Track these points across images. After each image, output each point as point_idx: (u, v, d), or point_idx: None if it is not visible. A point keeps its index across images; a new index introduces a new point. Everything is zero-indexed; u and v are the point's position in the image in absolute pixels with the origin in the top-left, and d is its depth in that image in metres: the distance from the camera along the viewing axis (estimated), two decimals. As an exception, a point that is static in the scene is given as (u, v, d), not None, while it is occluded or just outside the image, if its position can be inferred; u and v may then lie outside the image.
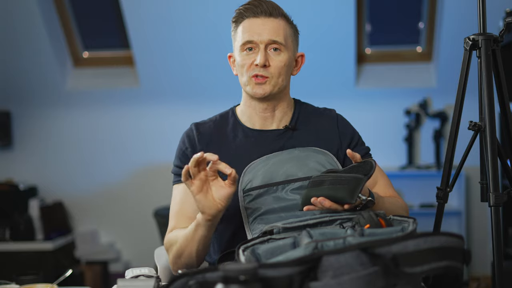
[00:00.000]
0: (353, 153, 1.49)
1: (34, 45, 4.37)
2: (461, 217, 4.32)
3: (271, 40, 1.63)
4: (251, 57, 1.64)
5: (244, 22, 1.66)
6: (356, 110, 4.29)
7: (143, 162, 4.64)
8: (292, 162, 1.63)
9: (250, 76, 1.65)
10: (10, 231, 4.21)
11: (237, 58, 1.68)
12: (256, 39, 1.63)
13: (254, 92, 1.66)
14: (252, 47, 1.64)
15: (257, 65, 1.63)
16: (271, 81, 1.65)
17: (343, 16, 4.05)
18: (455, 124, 1.80)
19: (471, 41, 1.74)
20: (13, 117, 4.71)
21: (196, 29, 4.17)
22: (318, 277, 1.02)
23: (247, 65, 1.65)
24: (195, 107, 4.42)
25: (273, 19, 1.65)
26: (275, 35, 1.63)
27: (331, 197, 1.41)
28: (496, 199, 1.64)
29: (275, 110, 1.72)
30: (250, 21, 1.65)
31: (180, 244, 1.57)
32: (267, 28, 1.63)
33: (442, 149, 4.41)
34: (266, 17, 1.64)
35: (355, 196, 1.38)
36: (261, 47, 1.63)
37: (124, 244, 4.71)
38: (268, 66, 1.63)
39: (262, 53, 1.63)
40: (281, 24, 1.65)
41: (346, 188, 1.40)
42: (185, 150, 1.71)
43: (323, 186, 1.45)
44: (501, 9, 3.43)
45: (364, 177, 1.40)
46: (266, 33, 1.63)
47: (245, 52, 1.65)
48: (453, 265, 1.08)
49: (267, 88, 1.65)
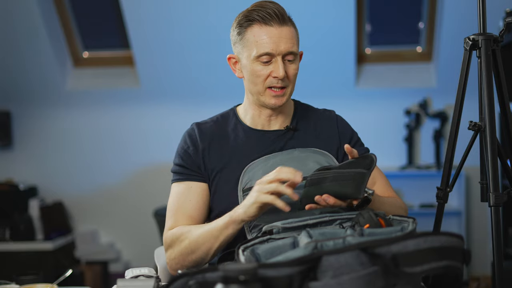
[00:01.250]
0: (351, 149, 1.49)
1: (34, 45, 4.37)
2: (461, 217, 4.32)
3: (288, 52, 1.61)
4: (268, 68, 1.61)
5: (253, 28, 1.61)
6: (356, 110, 4.30)
7: (143, 162, 4.64)
8: (291, 163, 1.63)
9: (265, 87, 1.63)
10: (10, 231, 4.21)
11: (250, 66, 1.63)
12: (274, 51, 1.60)
13: (271, 104, 1.65)
14: (269, 59, 1.61)
15: (275, 77, 1.61)
16: (287, 92, 1.65)
17: (343, 16, 4.05)
18: (455, 124, 1.80)
19: (471, 41, 1.73)
20: (13, 117, 4.71)
21: (196, 29, 4.17)
22: (317, 277, 1.02)
23: (263, 76, 1.62)
24: (195, 107, 4.42)
25: (286, 27, 1.61)
26: (291, 45, 1.61)
27: (336, 193, 1.41)
28: (496, 199, 1.64)
29: (280, 113, 1.73)
30: (263, 30, 1.60)
31: (197, 240, 1.55)
32: (284, 38, 1.60)
33: (442, 149, 4.41)
34: (279, 25, 1.60)
35: (362, 191, 1.38)
36: (279, 59, 1.60)
37: (124, 244, 4.71)
38: (286, 78, 1.63)
39: (281, 65, 1.60)
40: (293, 32, 1.63)
41: (351, 183, 1.39)
42: (187, 149, 1.71)
43: (324, 183, 1.44)
44: (501, 9, 3.43)
45: (367, 171, 1.40)
46: (283, 45, 1.60)
47: (259, 62, 1.61)
48: (453, 265, 1.08)
49: (284, 98, 1.65)
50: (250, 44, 1.62)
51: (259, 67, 1.62)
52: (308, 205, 1.46)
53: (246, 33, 1.62)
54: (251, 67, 1.63)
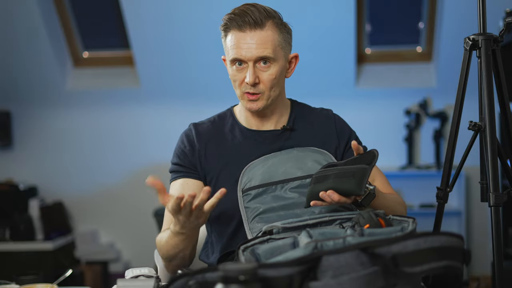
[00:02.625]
0: (358, 145, 1.50)
1: (34, 45, 4.37)
2: (461, 217, 4.32)
3: (259, 57, 1.59)
4: (242, 73, 1.62)
5: (230, 34, 1.62)
6: (356, 110, 4.30)
7: (143, 162, 4.64)
8: (291, 162, 1.63)
9: (242, 92, 1.64)
10: (10, 231, 4.21)
11: (229, 70, 1.66)
12: (243, 57, 1.59)
13: (248, 107, 1.66)
14: (241, 62, 1.61)
15: (247, 83, 1.61)
16: (263, 97, 1.64)
17: (343, 16, 4.05)
18: (455, 124, 1.79)
19: (471, 41, 1.73)
20: (13, 117, 4.71)
21: (196, 29, 4.17)
22: (317, 277, 1.02)
23: (238, 81, 1.63)
24: (195, 107, 4.42)
25: (259, 31, 1.59)
26: (262, 50, 1.59)
27: (339, 190, 1.41)
28: (496, 199, 1.64)
29: (272, 114, 1.72)
30: (236, 35, 1.60)
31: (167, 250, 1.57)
32: (255, 44, 1.58)
33: (442, 149, 4.41)
34: (251, 29, 1.59)
35: (363, 187, 1.38)
36: (250, 65, 1.60)
37: (124, 244, 4.71)
38: (258, 83, 1.62)
39: (251, 71, 1.59)
40: (269, 35, 1.60)
41: (353, 180, 1.39)
42: (184, 149, 1.72)
43: (328, 180, 1.44)
44: (501, 9, 3.43)
45: (368, 166, 1.40)
46: (253, 50, 1.58)
47: (235, 67, 1.63)
48: (453, 265, 1.08)
49: (260, 103, 1.64)
50: (227, 49, 1.64)
51: (234, 72, 1.64)
52: (313, 201, 1.46)
53: (226, 38, 1.64)
54: (229, 71, 1.66)
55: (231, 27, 1.61)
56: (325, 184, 1.43)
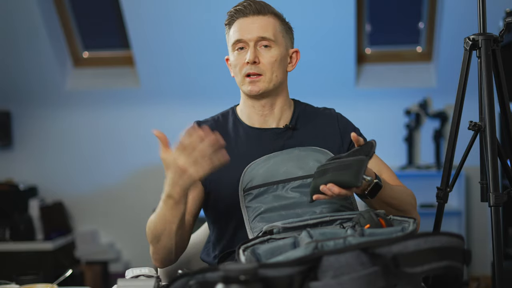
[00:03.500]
0: (357, 137, 1.49)
1: (34, 45, 4.37)
2: (461, 217, 4.32)
3: (259, 37, 1.65)
4: (242, 56, 1.66)
5: (235, 24, 1.68)
6: (356, 110, 4.29)
7: (143, 162, 4.64)
8: (292, 162, 1.63)
9: (243, 75, 1.66)
10: (10, 231, 4.20)
11: (230, 58, 1.70)
12: (245, 37, 1.65)
13: (249, 90, 1.67)
14: (242, 46, 1.66)
15: (248, 63, 1.64)
16: (265, 78, 1.66)
17: (343, 16, 4.05)
18: (455, 124, 1.79)
19: (471, 41, 1.73)
20: (13, 117, 4.71)
21: (196, 29, 4.17)
22: (318, 277, 1.02)
23: (239, 64, 1.67)
24: (195, 107, 4.42)
25: (262, 16, 1.67)
26: (263, 31, 1.65)
27: (338, 182, 1.40)
28: (496, 199, 1.64)
29: (274, 107, 1.72)
30: (240, 21, 1.67)
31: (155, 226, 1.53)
32: (256, 25, 1.65)
33: (442, 149, 4.41)
34: (254, 15, 1.67)
35: (360, 178, 1.37)
36: (251, 45, 1.65)
37: (124, 244, 4.71)
38: (259, 63, 1.65)
39: (251, 50, 1.64)
40: (270, 21, 1.67)
41: (350, 172, 1.39)
42: None
43: (328, 174, 1.44)
44: (501, 9, 3.43)
45: (365, 157, 1.40)
46: (254, 31, 1.65)
47: (236, 51, 1.68)
48: (453, 265, 1.08)
49: (261, 85, 1.66)
50: (230, 37, 1.70)
51: (235, 56, 1.68)
52: (315, 195, 1.45)
53: (230, 31, 1.70)
54: (231, 58, 1.70)
55: (236, 18, 1.68)
56: (325, 177, 1.43)
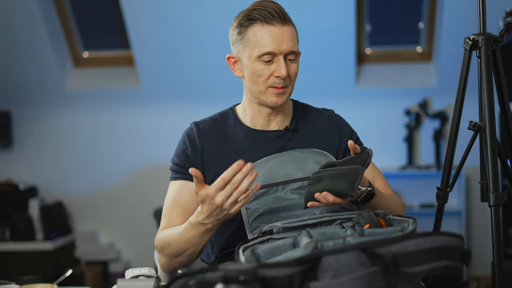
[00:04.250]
0: (354, 145, 1.50)
1: (34, 45, 4.37)
2: (461, 217, 4.32)
3: (290, 51, 1.61)
4: (270, 67, 1.61)
5: (255, 28, 1.61)
6: (356, 110, 4.30)
7: (143, 162, 4.64)
8: (292, 163, 1.63)
9: (267, 87, 1.63)
10: (10, 231, 4.20)
11: (251, 66, 1.63)
12: (276, 50, 1.60)
13: (272, 102, 1.64)
14: (271, 58, 1.61)
15: (277, 77, 1.61)
16: (288, 90, 1.65)
17: (343, 16, 4.05)
18: (455, 124, 1.79)
19: (471, 41, 1.73)
20: (13, 117, 4.71)
21: (196, 29, 4.17)
22: (317, 277, 1.02)
23: (265, 75, 1.62)
24: (194, 107, 4.41)
25: (287, 26, 1.61)
26: (292, 45, 1.61)
27: (333, 191, 1.41)
28: (496, 199, 1.64)
29: (280, 113, 1.72)
30: (265, 29, 1.60)
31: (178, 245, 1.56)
32: (285, 38, 1.60)
33: (442, 149, 4.41)
34: (281, 25, 1.60)
35: (355, 188, 1.38)
36: (281, 58, 1.61)
37: (124, 244, 4.71)
38: (287, 76, 1.63)
39: (283, 64, 1.60)
40: (293, 31, 1.63)
41: (346, 181, 1.39)
42: (186, 149, 1.71)
43: (323, 181, 1.44)
44: (501, 9, 3.42)
45: (361, 167, 1.40)
46: (285, 44, 1.60)
47: (261, 61, 1.61)
48: (453, 265, 1.08)
49: (285, 97, 1.65)
50: (252, 43, 1.61)
51: (261, 67, 1.61)
52: (310, 203, 1.46)
53: (247, 33, 1.62)
54: (252, 66, 1.62)
55: (256, 20, 1.61)
56: (321, 185, 1.44)
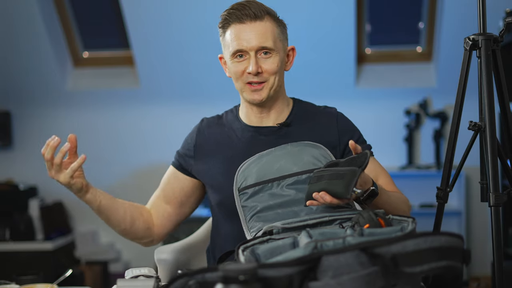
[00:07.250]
0: (355, 145, 1.50)
1: (34, 45, 4.37)
2: (461, 217, 4.32)
3: (260, 47, 1.63)
4: (243, 64, 1.65)
5: (230, 28, 1.65)
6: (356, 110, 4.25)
7: (143, 162, 4.64)
8: (286, 158, 1.63)
9: (244, 83, 1.66)
10: (10, 231, 4.20)
11: (229, 64, 1.68)
12: (245, 47, 1.63)
13: (251, 99, 1.67)
14: (242, 54, 1.64)
15: (250, 73, 1.64)
16: (267, 85, 1.66)
17: (343, 16, 4.05)
18: (455, 124, 1.79)
19: (471, 41, 1.73)
20: (13, 117, 4.71)
21: (196, 29, 4.17)
22: (317, 277, 1.02)
23: (239, 72, 1.66)
24: (195, 107, 4.41)
25: (259, 22, 1.63)
26: (263, 40, 1.63)
27: (330, 191, 1.41)
28: (496, 199, 1.64)
29: (271, 109, 1.74)
30: (236, 28, 1.64)
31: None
32: (255, 34, 1.62)
33: (442, 149, 4.41)
34: (252, 21, 1.63)
35: (349, 191, 1.38)
36: (252, 54, 1.63)
37: (124, 244, 4.70)
38: (261, 72, 1.64)
39: (253, 60, 1.63)
40: (268, 26, 1.64)
41: (342, 182, 1.40)
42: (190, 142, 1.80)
43: (322, 181, 1.45)
44: (501, 9, 3.43)
45: (358, 169, 1.40)
46: (254, 40, 1.62)
47: (236, 59, 1.66)
48: (452, 265, 1.08)
49: (263, 93, 1.66)
50: (227, 43, 1.67)
51: (235, 65, 1.66)
52: (309, 201, 1.47)
53: (225, 34, 1.67)
54: (230, 65, 1.68)
55: (231, 22, 1.65)
56: (320, 184, 1.44)
